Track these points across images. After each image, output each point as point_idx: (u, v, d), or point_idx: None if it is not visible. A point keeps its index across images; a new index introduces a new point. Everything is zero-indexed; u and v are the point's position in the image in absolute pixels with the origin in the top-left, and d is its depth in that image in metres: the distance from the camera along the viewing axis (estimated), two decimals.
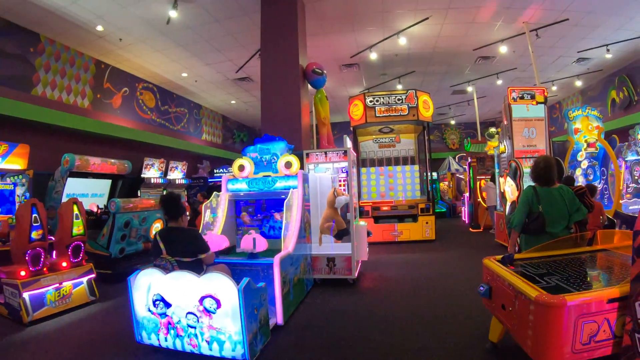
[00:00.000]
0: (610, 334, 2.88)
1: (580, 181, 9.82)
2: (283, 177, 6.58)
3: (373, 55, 13.18)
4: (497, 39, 12.73)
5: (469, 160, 15.28)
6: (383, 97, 12.01)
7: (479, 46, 13.28)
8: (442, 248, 10.88)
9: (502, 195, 9.40)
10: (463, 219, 17.59)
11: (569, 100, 20.50)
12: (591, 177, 10.09)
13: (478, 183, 14.41)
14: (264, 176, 6.72)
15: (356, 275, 7.30)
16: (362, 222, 8.14)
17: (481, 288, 3.92)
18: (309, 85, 9.77)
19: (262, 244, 5.61)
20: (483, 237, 12.70)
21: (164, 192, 14.98)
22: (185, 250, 4.52)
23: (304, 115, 9.09)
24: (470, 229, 14.61)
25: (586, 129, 10.07)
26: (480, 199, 14.18)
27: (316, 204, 7.82)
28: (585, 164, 10.10)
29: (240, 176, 6.84)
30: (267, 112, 9.09)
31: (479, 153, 15.66)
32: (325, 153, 7.70)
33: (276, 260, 5.16)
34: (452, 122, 25.72)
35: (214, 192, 6.70)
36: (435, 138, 25.46)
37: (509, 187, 8.86)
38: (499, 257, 4.10)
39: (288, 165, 6.63)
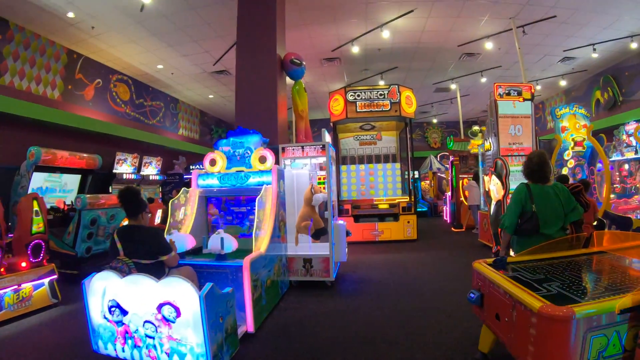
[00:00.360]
0: (620, 348, 2.54)
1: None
2: (257, 173, 6.21)
3: (355, 49, 12.80)
4: (482, 35, 12.48)
5: (452, 158, 14.99)
6: (364, 92, 11.64)
7: (464, 42, 13.00)
8: (425, 248, 10.55)
9: (487, 194, 9.09)
10: (445, 218, 17.36)
11: (552, 100, 20.48)
12: (579, 177, 9.84)
13: (461, 182, 14.14)
14: (237, 171, 6.35)
15: (334, 277, 6.90)
16: (341, 221, 7.73)
17: (471, 295, 3.55)
18: (287, 76, 9.29)
19: (231, 244, 5.18)
20: (466, 236, 12.43)
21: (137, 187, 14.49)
22: (144, 251, 4.10)
23: (280, 107, 8.62)
24: (452, 228, 14.37)
25: (573, 127, 9.83)
26: (462, 198, 13.92)
27: (292, 202, 7.45)
28: (571, 162, 9.86)
29: (212, 171, 6.45)
30: (241, 103, 8.56)
31: (461, 151, 15.39)
32: (302, 147, 7.28)
33: (246, 262, 4.73)
34: (434, 121, 25.64)
35: (183, 188, 6.29)
36: (417, 137, 25.30)
37: (494, 185, 8.55)
38: (491, 260, 3.73)
39: (262, 159, 6.26)
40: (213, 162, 6.49)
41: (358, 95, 11.58)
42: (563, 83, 17.52)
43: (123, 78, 15.07)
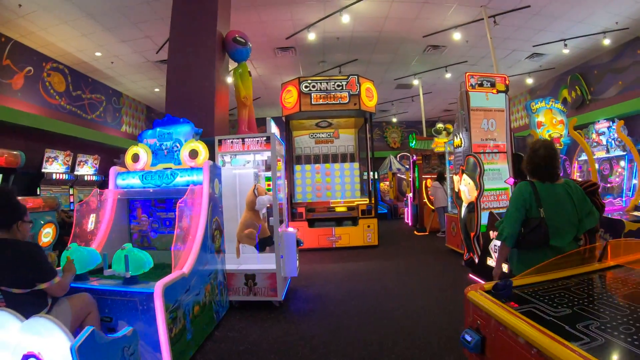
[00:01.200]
0: None
1: None
2: (186, 170, 5.06)
3: (311, 36, 11.60)
4: (450, 25, 11.58)
5: (414, 158, 14.11)
6: (321, 83, 10.56)
7: (430, 32, 12.07)
8: (388, 255, 9.59)
9: (457, 196, 8.15)
10: (406, 220, 16.45)
11: (516, 100, 20.05)
12: None
13: (424, 182, 13.27)
14: (164, 168, 5.17)
15: (283, 296, 5.78)
16: (290, 229, 6.58)
17: (467, 337, 2.47)
18: (230, 58, 8.04)
19: (143, 263, 3.96)
20: (431, 241, 11.56)
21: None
22: (16, 277, 2.92)
23: (219, 93, 7.38)
24: (415, 232, 13.52)
25: (550, 122, 9.05)
26: (425, 200, 13.12)
27: (234, 205, 6.42)
28: None
29: (134, 168, 5.28)
30: (173, 88, 7.26)
31: (424, 150, 14.49)
32: (243, 140, 6.03)
33: (158, 289, 3.53)
34: (394, 120, 24.88)
35: (95, 189, 5.08)
36: (376, 136, 24.39)
37: (465, 186, 7.61)
38: (489, 284, 2.67)
39: (193, 154, 5.15)
40: (136, 158, 5.35)
41: (313, 87, 10.49)
42: (529, 81, 16.98)
43: (58, 67, 13.50)
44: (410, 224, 15.34)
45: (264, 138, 5.91)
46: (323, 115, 11.13)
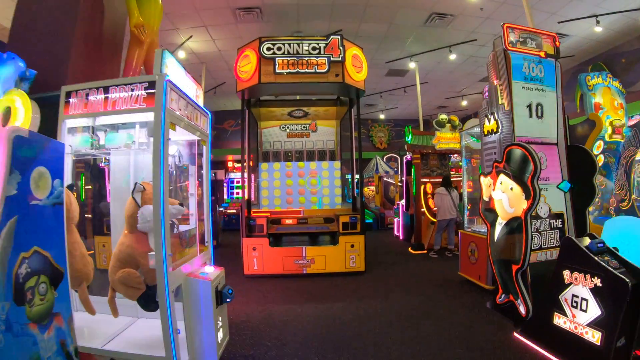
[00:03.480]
0: None
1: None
2: None
3: None
4: None
5: (409, 156, 11.35)
6: (290, 44, 7.64)
7: None
8: (380, 289, 6.84)
9: (487, 207, 5.46)
10: (396, 233, 13.79)
11: None
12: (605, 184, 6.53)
13: (422, 187, 10.67)
14: None
15: None
16: (209, 270, 3.55)
17: None
18: None
19: None
20: (435, 264, 8.85)
21: None
22: None
23: (93, 20, 4.43)
24: (410, 249, 10.75)
25: (610, 105, 6.57)
26: (424, 209, 10.60)
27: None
28: (600, 159, 6.48)
29: None
30: (21, 12, 4.32)
31: (422, 147, 11.74)
32: (106, 90, 3.00)
33: None
34: (382, 117, 22.32)
35: None
36: (361, 135, 21.90)
37: (503, 192, 4.98)
38: None
39: (6, 114, 2.49)
40: None
41: (279, 49, 7.58)
42: None
43: None
44: (401, 237, 12.82)
45: (144, 85, 2.90)
46: (290, 89, 8.42)
